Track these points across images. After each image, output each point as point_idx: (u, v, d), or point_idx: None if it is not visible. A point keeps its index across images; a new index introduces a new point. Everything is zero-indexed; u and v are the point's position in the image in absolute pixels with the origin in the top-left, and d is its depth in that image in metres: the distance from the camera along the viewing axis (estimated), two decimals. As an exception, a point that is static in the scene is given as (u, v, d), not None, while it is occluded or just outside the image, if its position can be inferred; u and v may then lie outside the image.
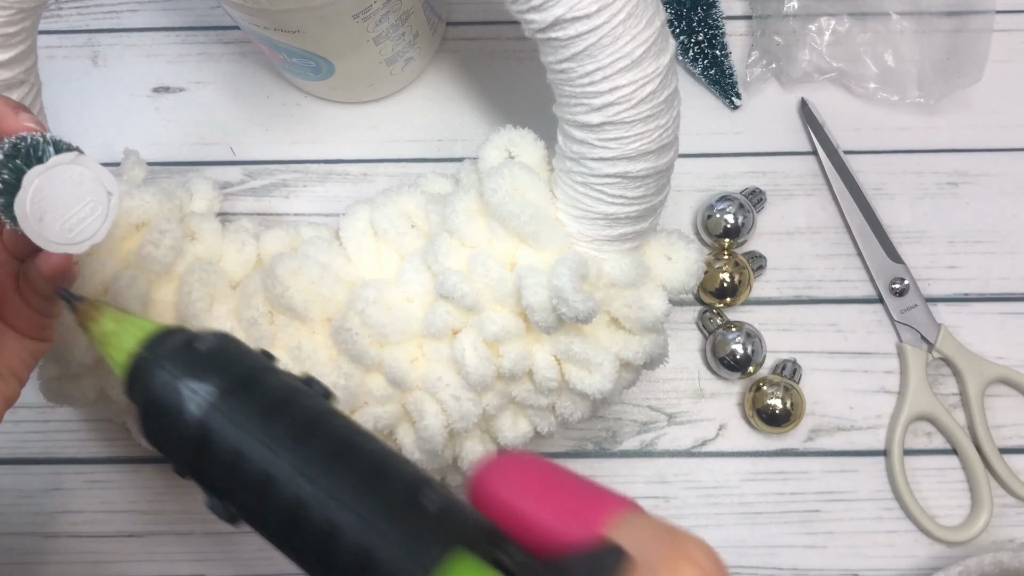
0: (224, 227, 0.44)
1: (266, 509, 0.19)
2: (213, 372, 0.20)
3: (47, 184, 0.29)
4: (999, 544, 0.47)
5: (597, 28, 0.33)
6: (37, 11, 0.36)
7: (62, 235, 0.29)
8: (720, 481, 0.49)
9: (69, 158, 0.29)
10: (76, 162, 0.29)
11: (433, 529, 0.18)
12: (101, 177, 0.30)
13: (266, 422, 0.19)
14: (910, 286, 0.49)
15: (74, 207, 0.29)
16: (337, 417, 0.20)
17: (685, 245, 0.40)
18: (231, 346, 0.22)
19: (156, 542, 0.49)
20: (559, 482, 0.20)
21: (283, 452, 0.19)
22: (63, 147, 0.29)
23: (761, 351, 0.48)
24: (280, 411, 0.20)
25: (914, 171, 0.51)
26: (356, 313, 0.39)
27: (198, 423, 0.20)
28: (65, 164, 0.29)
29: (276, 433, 0.19)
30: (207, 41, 0.54)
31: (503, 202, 0.37)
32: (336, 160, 0.52)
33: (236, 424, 0.20)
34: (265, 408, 0.20)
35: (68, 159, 0.29)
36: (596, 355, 0.39)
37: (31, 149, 0.29)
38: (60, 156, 0.29)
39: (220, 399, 0.20)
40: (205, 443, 0.20)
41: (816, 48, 0.51)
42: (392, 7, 0.43)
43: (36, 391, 0.42)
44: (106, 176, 0.30)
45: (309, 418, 0.20)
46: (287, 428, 0.19)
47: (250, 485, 0.19)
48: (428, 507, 0.19)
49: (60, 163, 0.29)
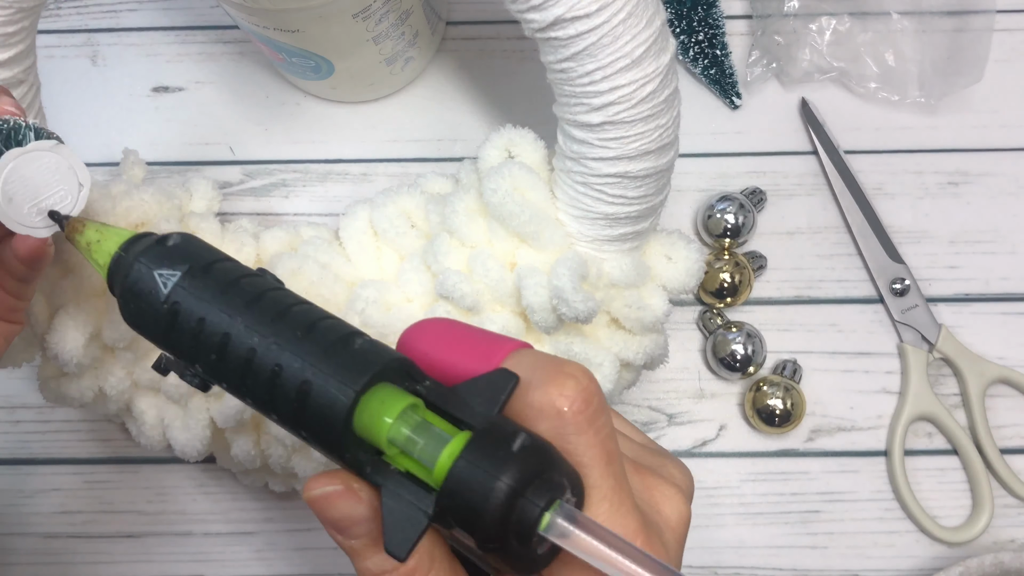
0: (224, 227, 0.44)
1: (225, 362, 0.23)
2: (179, 261, 0.25)
3: (22, 167, 0.30)
4: (1000, 545, 0.47)
5: (597, 27, 0.33)
6: (36, 10, 0.36)
7: (28, 218, 0.31)
8: (720, 481, 0.48)
9: (47, 145, 0.31)
10: (54, 150, 0.31)
11: (359, 363, 0.22)
12: (76, 167, 0.31)
13: (223, 294, 0.24)
14: (911, 286, 0.49)
15: (44, 193, 0.31)
16: (282, 291, 0.24)
17: (685, 245, 0.40)
18: (194, 241, 0.26)
19: (155, 543, 0.49)
20: (467, 333, 0.24)
21: (236, 315, 0.23)
22: (43, 134, 0.31)
23: (761, 351, 0.48)
24: (234, 286, 0.24)
25: (915, 171, 0.51)
26: (356, 313, 0.39)
27: (168, 300, 0.24)
28: (43, 151, 0.30)
29: (231, 302, 0.23)
30: (206, 41, 0.54)
31: (503, 202, 0.37)
32: (336, 160, 0.52)
33: (199, 298, 0.24)
34: (222, 285, 0.24)
35: (46, 146, 0.30)
36: (596, 355, 0.38)
37: (12, 132, 0.30)
38: (39, 143, 0.30)
39: (185, 280, 0.24)
40: (174, 315, 0.24)
41: (817, 48, 0.51)
42: (392, 6, 0.43)
43: (35, 391, 0.42)
44: (80, 167, 0.31)
45: (258, 291, 0.24)
46: (240, 298, 0.23)
47: (212, 344, 0.23)
48: (356, 347, 0.22)
49: (37, 149, 0.30)
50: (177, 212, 0.43)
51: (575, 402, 0.22)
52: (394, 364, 0.22)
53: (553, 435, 0.22)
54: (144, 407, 0.41)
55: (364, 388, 0.22)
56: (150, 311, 0.25)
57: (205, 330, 0.23)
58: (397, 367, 0.23)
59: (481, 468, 0.20)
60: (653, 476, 0.24)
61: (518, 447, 0.20)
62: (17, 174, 0.30)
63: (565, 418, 0.22)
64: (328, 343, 0.22)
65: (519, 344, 0.24)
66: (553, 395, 0.22)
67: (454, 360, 0.23)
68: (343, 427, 0.22)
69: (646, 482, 0.24)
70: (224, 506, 0.49)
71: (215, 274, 0.24)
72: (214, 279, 0.24)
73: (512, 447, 0.20)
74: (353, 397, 0.21)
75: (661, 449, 0.27)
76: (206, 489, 0.49)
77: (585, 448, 0.22)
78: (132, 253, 0.26)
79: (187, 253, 0.25)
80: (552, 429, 0.22)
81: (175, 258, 0.25)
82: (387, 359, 0.22)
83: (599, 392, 0.22)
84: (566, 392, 0.22)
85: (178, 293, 0.24)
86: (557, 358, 0.23)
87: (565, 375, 0.22)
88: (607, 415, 0.22)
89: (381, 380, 0.22)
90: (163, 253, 0.25)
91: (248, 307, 0.23)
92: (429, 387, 0.23)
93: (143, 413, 0.41)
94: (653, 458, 0.25)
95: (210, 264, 0.25)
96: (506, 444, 0.20)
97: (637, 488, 0.24)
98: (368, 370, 0.22)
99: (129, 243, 0.26)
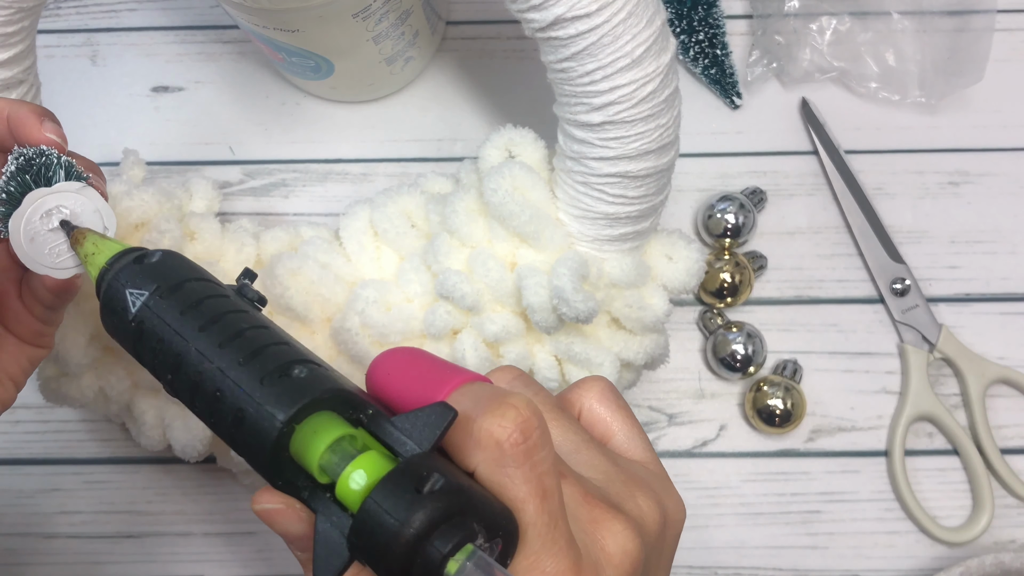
0: (224, 227, 0.44)
1: (179, 382, 0.24)
2: (151, 281, 0.26)
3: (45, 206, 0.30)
4: (1000, 545, 0.47)
5: (597, 27, 0.32)
6: (36, 10, 0.36)
7: (48, 259, 0.31)
8: (721, 482, 0.48)
9: (75, 187, 0.30)
10: (80, 192, 0.30)
11: (292, 392, 0.22)
12: (102, 211, 0.31)
13: (182, 317, 0.25)
14: (911, 286, 0.49)
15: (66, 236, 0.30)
16: (240, 314, 0.25)
17: (686, 245, 0.40)
18: (172, 260, 0.27)
19: (155, 543, 0.49)
20: (425, 364, 0.24)
21: (190, 339, 0.24)
22: (74, 174, 0.31)
23: (762, 351, 0.48)
24: (194, 309, 0.25)
25: (915, 171, 0.51)
26: (356, 313, 0.39)
27: (135, 318, 0.25)
28: (69, 192, 0.30)
29: (187, 325, 0.24)
30: (206, 40, 0.54)
31: (503, 202, 0.37)
32: (336, 160, 0.52)
33: (161, 319, 0.25)
34: (184, 307, 0.25)
35: (74, 188, 0.30)
36: (597, 355, 0.38)
37: (43, 168, 0.30)
38: (66, 184, 0.30)
39: (151, 300, 0.25)
40: (140, 333, 0.25)
41: (817, 47, 0.51)
42: (391, 6, 0.43)
43: (35, 391, 0.42)
44: (107, 211, 0.31)
45: (217, 313, 0.25)
46: (196, 321, 0.24)
47: (169, 364, 0.25)
48: (294, 375, 0.23)
49: (64, 190, 0.30)
50: (177, 212, 0.43)
51: (513, 433, 0.21)
52: (330, 394, 0.23)
53: (491, 467, 0.21)
54: (144, 407, 0.41)
55: (293, 417, 0.22)
56: (121, 326, 0.26)
57: (163, 350, 0.25)
58: (338, 396, 0.23)
59: (388, 509, 0.20)
60: (606, 510, 0.23)
61: (428, 489, 0.20)
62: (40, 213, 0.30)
63: (503, 449, 0.21)
64: (266, 371, 0.23)
65: (472, 377, 0.24)
66: (492, 426, 0.21)
67: (408, 391, 0.24)
68: (271, 455, 0.22)
69: (594, 515, 0.23)
70: (224, 506, 0.49)
71: (180, 295, 0.25)
72: (178, 300, 0.25)
73: (423, 488, 0.20)
74: (280, 426, 0.22)
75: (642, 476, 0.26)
76: (206, 489, 0.49)
77: (521, 482, 0.21)
78: (113, 270, 0.27)
79: (160, 272, 0.26)
80: (489, 460, 0.21)
81: (147, 277, 0.26)
82: (321, 389, 0.23)
83: (541, 425, 0.22)
84: (504, 423, 0.21)
85: (144, 312, 0.25)
86: (503, 390, 0.22)
87: (506, 406, 0.21)
88: (547, 449, 0.22)
89: (320, 409, 0.22)
90: (137, 272, 0.26)
91: (201, 331, 0.24)
92: (371, 416, 0.23)
93: (143, 413, 0.41)
94: (622, 488, 0.25)
95: (179, 284, 0.26)
96: (419, 484, 0.20)
97: (583, 522, 0.23)
98: (299, 400, 0.22)
99: (113, 259, 0.27)
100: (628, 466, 0.26)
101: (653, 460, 0.27)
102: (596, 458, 0.25)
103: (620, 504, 0.24)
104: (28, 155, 0.30)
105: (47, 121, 0.31)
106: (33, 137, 0.30)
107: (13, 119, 0.30)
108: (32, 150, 0.30)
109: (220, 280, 0.28)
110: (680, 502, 0.27)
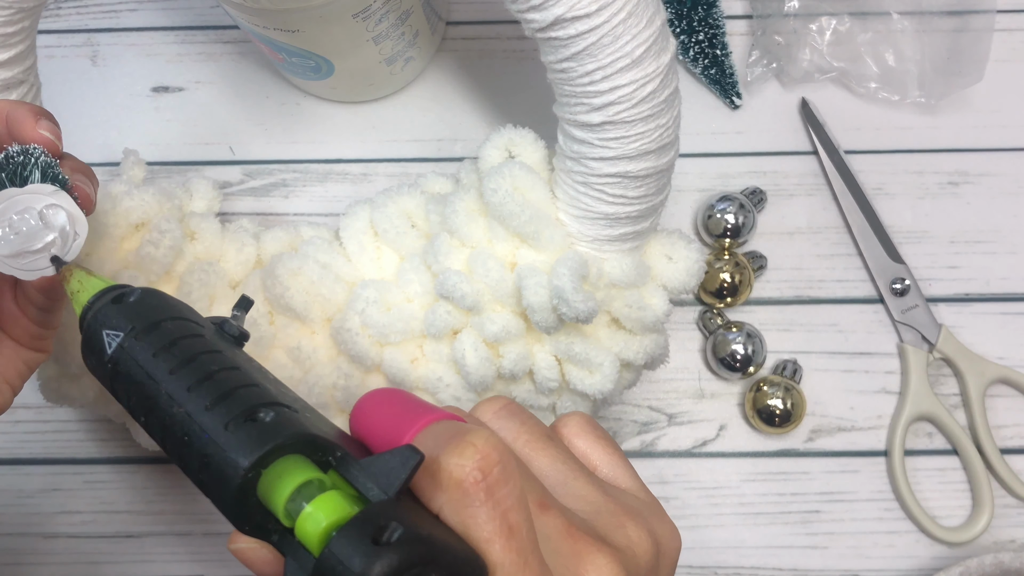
0: (224, 227, 0.44)
1: (151, 424, 0.24)
2: (127, 321, 0.26)
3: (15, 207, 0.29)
4: (1000, 545, 0.47)
5: (597, 27, 0.33)
6: (36, 11, 0.36)
7: (16, 259, 0.30)
8: (720, 481, 0.48)
9: (48, 190, 0.30)
10: (53, 196, 0.30)
11: (256, 438, 0.22)
12: (73, 216, 0.30)
13: (155, 359, 0.25)
14: (911, 286, 0.49)
15: (36, 237, 0.29)
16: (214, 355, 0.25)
17: (686, 245, 0.40)
18: (150, 299, 0.27)
19: (155, 543, 0.49)
20: (399, 405, 0.24)
21: (161, 382, 0.24)
22: (51, 174, 0.30)
23: (762, 351, 0.48)
24: (167, 351, 0.25)
25: (915, 171, 0.51)
26: (356, 313, 0.39)
27: (111, 359, 0.25)
28: (42, 194, 0.30)
29: (159, 368, 0.24)
30: (206, 41, 0.54)
31: (503, 202, 0.37)
32: (336, 160, 0.52)
33: (135, 361, 0.25)
34: (157, 349, 0.25)
35: (47, 191, 0.30)
36: (597, 355, 0.38)
37: (19, 168, 0.29)
38: (39, 185, 0.29)
39: (127, 341, 0.25)
40: (115, 374, 0.25)
41: (817, 48, 0.51)
42: (392, 7, 0.43)
43: (36, 391, 0.42)
44: (78, 217, 0.30)
45: (188, 356, 0.25)
46: (168, 364, 0.24)
47: (142, 406, 0.25)
48: (262, 421, 0.23)
49: (37, 192, 0.30)
50: (177, 212, 0.43)
51: (472, 471, 0.21)
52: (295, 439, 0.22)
53: (454, 508, 0.21)
54: (144, 407, 0.41)
55: (257, 463, 0.22)
56: (98, 367, 0.26)
57: (136, 392, 0.25)
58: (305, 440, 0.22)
59: (343, 559, 0.20)
60: (590, 543, 0.23)
61: (386, 539, 0.20)
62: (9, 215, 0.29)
63: (463, 489, 0.21)
64: (232, 416, 0.23)
65: (440, 416, 0.23)
66: (452, 465, 0.21)
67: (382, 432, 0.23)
68: (236, 500, 0.22)
69: (577, 548, 0.22)
70: (224, 506, 0.49)
71: (155, 336, 0.25)
72: (152, 342, 0.25)
73: (381, 538, 0.20)
74: (242, 472, 0.22)
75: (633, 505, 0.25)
76: (206, 489, 0.49)
77: (485, 521, 0.21)
78: (92, 309, 0.27)
79: (136, 313, 0.26)
80: (452, 501, 0.21)
81: (124, 317, 0.26)
82: (286, 434, 0.22)
83: (503, 459, 0.21)
84: (462, 461, 0.21)
85: (119, 354, 0.25)
86: (466, 427, 0.22)
87: (464, 444, 0.21)
88: (512, 484, 0.21)
89: (286, 453, 0.22)
90: (114, 312, 0.26)
91: (172, 374, 0.24)
92: (340, 459, 0.23)
93: (143, 413, 0.41)
94: (611, 518, 0.24)
95: (155, 324, 0.25)
96: (378, 534, 0.20)
97: (565, 556, 0.22)
98: (261, 446, 0.22)
99: (94, 298, 0.27)
100: (619, 496, 0.26)
101: (641, 488, 0.27)
102: (585, 488, 0.25)
103: (608, 535, 0.23)
104: (8, 154, 0.29)
105: (43, 120, 0.30)
106: (27, 135, 0.30)
107: (11, 118, 0.30)
108: (17, 148, 0.29)
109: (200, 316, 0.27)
110: (674, 530, 0.26)
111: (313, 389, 0.39)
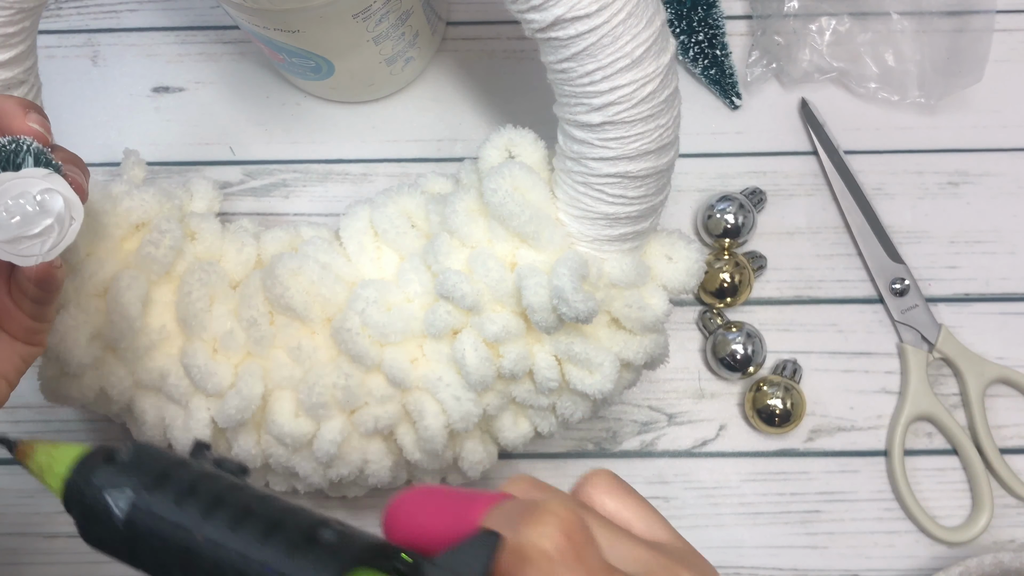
0: (224, 227, 0.44)
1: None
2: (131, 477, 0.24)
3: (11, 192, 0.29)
4: (1000, 544, 0.47)
5: (597, 28, 0.33)
6: (37, 11, 0.36)
7: (12, 244, 0.29)
8: (720, 481, 0.48)
9: (41, 174, 0.29)
10: (47, 180, 0.29)
11: (329, 556, 0.21)
12: (68, 200, 0.30)
13: (179, 507, 0.23)
14: (911, 286, 0.49)
15: (32, 221, 0.29)
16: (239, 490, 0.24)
17: (686, 245, 0.40)
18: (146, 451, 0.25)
19: (156, 542, 0.49)
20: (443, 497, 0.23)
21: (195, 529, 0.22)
22: (43, 160, 0.30)
23: (761, 351, 0.48)
24: (189, 495, 0.23)
25: (915, 171, 0.51)
26: (356, 313, 0.39)
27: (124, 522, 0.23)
28: (35, 179, 0.29)
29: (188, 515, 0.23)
30: (207, 41, 0.54)
31: (503, 202, 0.37)
32: (336, 160, 0.52)
33: (155, 515, 0.23)
34: (177, 496, 0.23)
35: (40, 175, 0.29)
36: (597, 355, 0.38)
37: (11, 155, 0.29)
38: (33, 170, 0.29)
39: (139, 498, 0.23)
40: (134, 537, 0.23)
41: (816, 48, 0.51)
42: (392, 7, 0.43)
43: (36, 391, 0.42)
44: (74, 201, 0.30)
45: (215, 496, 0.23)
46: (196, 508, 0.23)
47: (175, 561, 0.23)
48: (324, 540, 0.22)
49: (31, 176, 0.29)
50: (178, 212, 0.43)
51: (559, 540, 0.20)
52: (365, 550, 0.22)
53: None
54: (145, 407, 0.41)
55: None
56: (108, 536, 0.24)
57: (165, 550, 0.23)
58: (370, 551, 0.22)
59: None
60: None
61: None
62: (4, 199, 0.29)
63: (552, 560, 0.20)
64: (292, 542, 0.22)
65: (497, 497, 0.23)
66: (536, 538, 0.21)
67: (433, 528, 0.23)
68: None
69: None
70: (224, 506, 0.49)
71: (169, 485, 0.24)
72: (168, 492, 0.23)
73: None
74: None
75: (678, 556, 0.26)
76: (206, 489, 0.49)
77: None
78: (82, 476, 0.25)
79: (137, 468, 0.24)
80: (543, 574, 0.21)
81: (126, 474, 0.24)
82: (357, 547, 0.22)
83: (583, 523, 0.21)
84: (548, 530, 0.21)
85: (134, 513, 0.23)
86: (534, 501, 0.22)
87: (543, 513, 0.21)
88: (594, 545, 0.21)
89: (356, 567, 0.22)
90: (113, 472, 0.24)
91: (205, 517, 0.23)
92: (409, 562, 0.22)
93: (144, 413, 0.41)
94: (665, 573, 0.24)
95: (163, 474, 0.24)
96: None
97: None
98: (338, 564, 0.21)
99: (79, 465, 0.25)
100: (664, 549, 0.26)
101: (677, 537, 0.27)
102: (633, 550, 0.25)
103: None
104: (2, 143, 0.29)
105: (32, 112, 0.30)
106: (16, 127, 0.30)
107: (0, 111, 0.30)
108: (7, 139, 0.29)
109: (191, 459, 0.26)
110: (714, 570, 0.27)
111: (313, 389, 0.39)
